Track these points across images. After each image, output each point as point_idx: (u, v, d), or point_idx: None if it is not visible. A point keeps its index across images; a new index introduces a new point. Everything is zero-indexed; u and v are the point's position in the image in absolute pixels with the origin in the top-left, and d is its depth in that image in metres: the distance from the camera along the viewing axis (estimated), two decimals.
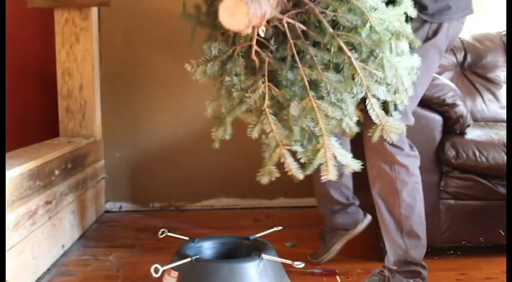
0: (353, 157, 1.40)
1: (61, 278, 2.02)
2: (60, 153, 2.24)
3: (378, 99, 1.38)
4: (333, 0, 1.32)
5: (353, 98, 1.35)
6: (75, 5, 2.64)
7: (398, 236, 1.76)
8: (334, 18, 1.32)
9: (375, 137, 1.42)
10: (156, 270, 1.41)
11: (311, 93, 1.32)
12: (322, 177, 1.36)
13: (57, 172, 2.18)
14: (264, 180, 1.41)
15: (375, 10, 1.33)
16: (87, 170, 2.62)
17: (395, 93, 1.40)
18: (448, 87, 2.08)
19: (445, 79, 2.21)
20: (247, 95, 1.37)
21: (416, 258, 1.78)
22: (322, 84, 1.32)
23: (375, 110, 1.37)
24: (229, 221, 2.76)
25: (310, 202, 2.81)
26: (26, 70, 2.96)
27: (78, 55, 2.69)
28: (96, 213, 2.77)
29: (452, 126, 2.12)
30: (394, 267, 1.79)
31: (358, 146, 1.76)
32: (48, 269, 2.07)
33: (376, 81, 1.34)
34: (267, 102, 1.35)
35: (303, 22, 1.35)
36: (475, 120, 2.54)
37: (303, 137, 1.36)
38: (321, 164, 1.36)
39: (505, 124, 2.49)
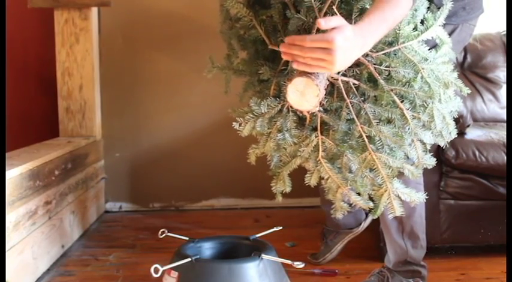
0: None
1: (61, 278, 2.02)
2: (60, 153, 2.24)
3: (421, 141, 1.36)
4: (387, 55, 1.30)
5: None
6: (75, 5, 2.64)
7: (399, 237, 1.76)
8: (387, 73, 1.30)
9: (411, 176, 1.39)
10: (156, 270, 1.41)
11: (370, 146, 1.31)
12: (389, 215, 1.35)
13: (57, 172, 2.18)
14: (339, 215, 1.41)
15: (425, 60, 1.31)
16: (87, 170, 2.62)
17: (438, 136, 1.39)
18: None
19: None
20: (300, 149, 1.34)
21: (416, 258, 1.79)
22: (377, 138, 1.31)
23: (417, 153, 1.35)
24: (229, 221, 2.76)
25: (310, 202, 2.80)
26: (26, 70, 2.96)
27: (78, 55, 2.69)
28: (96, 213, 2.77)
29: None
30: (394, 267, 1.79)
31: None
32: (48, 269, 2.07)
33: (423, 125, 1.33)
34: (321, 153, 1.34)
35: (354, 76, 1.33)
36: (475, 120, 2.54)
37: (363, 186, 1.35)
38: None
39: (505, 124, 2.50)
